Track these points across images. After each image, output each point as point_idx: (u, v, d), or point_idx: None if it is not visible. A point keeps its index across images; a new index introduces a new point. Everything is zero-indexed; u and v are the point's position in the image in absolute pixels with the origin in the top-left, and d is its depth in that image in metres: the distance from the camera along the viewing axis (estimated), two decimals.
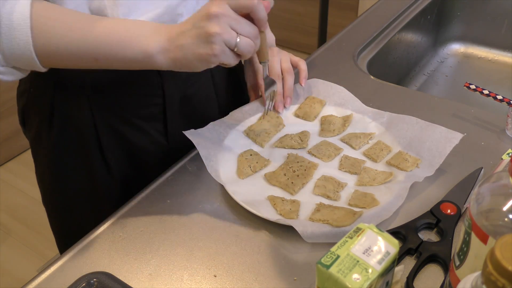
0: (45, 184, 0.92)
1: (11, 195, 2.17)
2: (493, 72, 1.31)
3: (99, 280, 0.58)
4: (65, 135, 0.83)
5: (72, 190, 0.89)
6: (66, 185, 0.88)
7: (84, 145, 0.83)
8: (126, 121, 0.82)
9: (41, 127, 0.84)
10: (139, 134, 0.83)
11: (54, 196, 0.92)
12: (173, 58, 0.66)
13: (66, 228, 0.93)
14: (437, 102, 0.94)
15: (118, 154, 0.84)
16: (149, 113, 0.83)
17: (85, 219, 0.71)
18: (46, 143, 0.85)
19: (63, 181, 0.88)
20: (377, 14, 1.24)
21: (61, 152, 0.85)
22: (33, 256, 1.91)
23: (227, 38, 0.63)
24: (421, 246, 0.64)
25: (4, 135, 2.29)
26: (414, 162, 0.77)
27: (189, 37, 0.64)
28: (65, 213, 0.93)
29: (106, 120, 0.81)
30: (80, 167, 0.86)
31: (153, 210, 0.73)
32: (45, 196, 0.94)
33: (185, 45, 0.64)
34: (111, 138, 0.83)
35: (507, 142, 0.83)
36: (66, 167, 0.86)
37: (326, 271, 0.48)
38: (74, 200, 0.90)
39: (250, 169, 0.77)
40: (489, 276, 0.37)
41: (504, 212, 0.47)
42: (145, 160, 0.84)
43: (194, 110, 0.87)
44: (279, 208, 0.70)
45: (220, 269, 0.64)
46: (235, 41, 0.64)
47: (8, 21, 0.62)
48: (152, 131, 0.84)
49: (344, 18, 2.55)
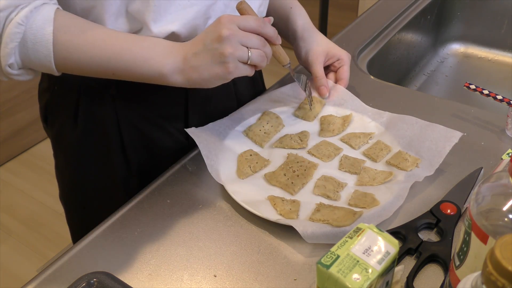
0: (64, 179, 0.95)
1: (11, 195, 2.17)
2: (493, 72, 1.31)
3: (99, 280, 0.58)
4: (89, 133, 0.85)
5: (92, 186, 0.91)
6: (86, 181, 0.91)
7: (106, 143, 0.85)
8: (149, 120, 0.84)
9: (64, 125, 0.87)
10: (161, 133, 0.86)
11: (73, 191, 0.95)
12: (188, 78, 0.71)
13: (82, 223, 0.96)
14: (437, 102, 0.94)
15: (139, 152, 0.86)
16: (172, 113, 0.85)
17: (102, 214, 0.72)
18: (68, 140, 0.88)
19: (83, 177, 0.91)
20: (377, 14, 1.24)
21: (83, 149, 0.87)
22: (33, 256, 1.91)
23: (240, 55, 0.69)
24: (421, 246, 0.64)
25: (4, 135, 2.29)
26: (414, 161, 0.77)
27: (204, 58, 0.69)
28: (82, 208, 0.95)
29: (129, 119, 0.83)
30: (101, 164, 0.88)
31: (153, 210, 0.73)
32: (64, 191, 0.97)
33: (200, 66, 0.70)
34: (133, 137, 0.85)
35: (507, 142, 0.83)
36: (87, 163, 0.89)
37: (326, 271, 0.48)
38: (93, 195, 0.92)
39: (250, 169, 0.77)
40: (489, 276, 0.38)
41: (504, 212, 0.47)
42: (165, 158, 0.86)
43: (214, 109, 0.88)
44: (279, 208, 0.70)
45: (220, 269, 0.64)
46: (247, 55, 0.70)
47: (33, 35, 0.66)
48: (173, 130, 0.86)
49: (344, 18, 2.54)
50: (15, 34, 0.65)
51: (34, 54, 0.67)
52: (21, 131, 2.34)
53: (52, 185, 2.39)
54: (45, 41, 0.66)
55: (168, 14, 0.74)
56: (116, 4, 0.72)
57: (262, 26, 0.72)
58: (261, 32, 0.72)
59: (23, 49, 0.66)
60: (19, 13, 0.64)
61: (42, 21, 0.66)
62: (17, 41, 0.65)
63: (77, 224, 0.99)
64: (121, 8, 0.72)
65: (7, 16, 0.64)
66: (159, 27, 0.74)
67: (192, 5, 0.75)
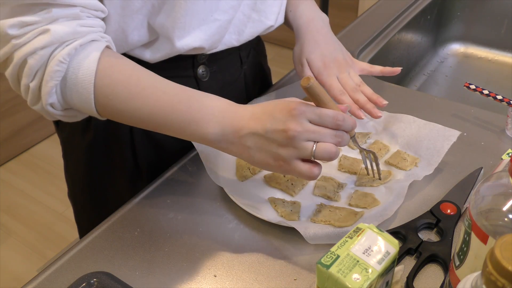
0: (74, 180, 0.95)
1: (11, 195, 2.17)
2: (493, 72, 1.31)
3: (99, 280, 0.58)
4: (100, 138, 0.85)
5: (101, 187, 0.91)
6: (96, 182, 0.91)
7: (118, 148, 0.85)
8: None
9: (76, 128, 0.86)
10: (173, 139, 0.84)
11: (83, 192, 0.95)
12: (238, 153, 0.64)
13: (90, 221, 0.96)
14: (437, 102, 0.94)
15: (150, 157, 0.86)
16: None
17: (110, 213, 0.72)
18: (80, 143, 0.87)
19: (93, 179, 0.91)
20: (377, 14, 1.24)
21: (94, 153, 0.87)
22: (33, 256, 1.91)
23: (300, 154, 0.60)
24: (421, 246, 0.64)
25: (4, 135, 2.29)
26: (413, 161, 0.77)
27: (259, 145, 0.61)
28: (91, 208, 0.96)
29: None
30: (112, 167, 0.88)
31: (153, 210, 0.73)
32: (73, 191, 0.97)
33: (252, 148, 0.61)
34: (145, 143, 0.84)
35: (507, 142, 0.83)
36: (98, 166, 0.89)
37: (326, 271, 0.48)
38: (102, 196, 0.92)
39: (249, 171, 0.77)
40: (489, 276, 0.38)
41: (504, 212, 0.47)
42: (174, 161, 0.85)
43: None
44: (280, 210, 0.70)
45: (220, 269, 0.64)
46: (311, 152, 0.60)
47: (75, 75, 0.62)
48: None
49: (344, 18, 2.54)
50: (56, 72, 0.61)
51: (74, 95, 0.63)
52: (21, 131, 2.34)
53: (52, 185, 2.40)
54: (86, 82, 0.62)
55: (192, 30, 0.73)
56: (138, 18, 0.70)
57: (339, 123, 0.60)
58: (338, 128, 0.61)
59: (64, 89, 0.63)
60: (63, 49, 0.61)
61: (85, 61, 0.62)
62: (58, 79, 0.61)
63: (84, 222, 1.00)
64: (143, 21, 0.71)
65: (51, 53, 0.61)
66: (183, 42, 0.73)
67: (215, 20, 0.74)
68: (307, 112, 0.60)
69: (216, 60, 0.83)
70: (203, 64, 0.82)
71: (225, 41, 0.80)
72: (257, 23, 0.82)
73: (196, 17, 0.72)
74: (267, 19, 0.83)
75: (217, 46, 0.79)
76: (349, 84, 0.80)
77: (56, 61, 0.60)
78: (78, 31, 0.61)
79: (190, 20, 0.71)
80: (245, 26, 0.81)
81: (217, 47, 0.79)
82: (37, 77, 0.62)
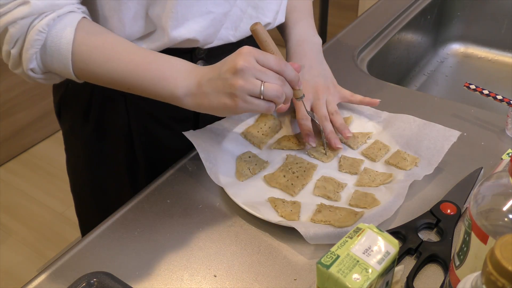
0: (76, 174, 0.97)
1: (11, 195, 2.17)
2: (493, 72, 1.31)
3: (99, 280, 0.58)
4: (100, 131, 0.87)
5: (101, 181, 0.93)
6: (96, 176, 0.93)
7: (116, 141, 0.87)
8: (160, 122, 0.86)
9: (76, 120, 0.89)
10: (171, 134, 0.86)
11: (84, 185, 0.97)
12: (199, 103, 0.69)
13: (91, 215, 0.98)
14: (437, 102, 0.94)
15: (148, 152, 0.88)
16: (183, 115, 0.85)
17: (110, 210, 0.73)
18: (80, 136, 0.90)
19: (93, 172, 0.93)
20: (377, 14, 1.24)
21: (94, 146, 0.89)
22: (33, 256, 1.91)
23: (250, 88, 0.65)
24: (421, 246, 0.64)
25: (4, 135, 2.29)
26: (413, 161, 0.77)
27: (215, 86, 0.67)
28: (92, 202, 0.97)
29: (140, 120, 0.85)
30: (111, 160, 0.90)
31: (153, 210, 0.73)
32: (75, 185, 0.99)
33: (210, 93, 0.68)
34: (143, 137, 0.86)
35: (507, 142, 0.83)
36: (98, 159, 0.91)
37: (326, 271, 0.48)
38: (103, 191, 0.94)
39: (249, 171, 0.77)
40: (489, 276, 0.38)
41: (504, 212, 0.47)
42: (174, 158, 0.86)
43: None
44: (280, 210, 0.70)
45: (220, 269, 0.64)
46: (260, 89, 0.66)
47: (54, 43, 0.67)
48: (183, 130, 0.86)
49: (344, 18, 2.54)
50: (36, 41, 0.66)
51: (53, 61, 0.68)
52: (21, 131, 2.34)
53: (52, 185, 2.40)
54: (64, 50, 0.67)
55: (186, 20, 0.74)
56: (134, 8, 0.72)
57: (282, 67, 0.68)
58: (281, 72, 0.68)
59: (43, 56, 0.68)
60: (42, 20, 0.65)
61: (62, 31, 0.67)
62: (37, 47, 0.66)
63: (85, 216, 1.01)
64: (140, 11, 0.73)
65: (30, 23, 0.65)
66: (176, 33, 0.74)
67: (209, 12, 0.75)
68: (253, 51, 0.66)
69: (214, 55, 0.83)
70: (202, 60, 0.83)
71: (221, 36, 0.80)
72: (254, 20, 0.82)
73: (190, 8, 0.74)
74: (264, 16, 0.84)
75: (212, 40, 0.80)
76: (320, 111, 0.83)
77: (35, 30, 0.65)
78: (56, 3, 0.66)
79: (183, 10, 0.73)
80: (241, 21, 0.81)
81: (213, 41, 0.80)
82: (18, 45, 0.67)
